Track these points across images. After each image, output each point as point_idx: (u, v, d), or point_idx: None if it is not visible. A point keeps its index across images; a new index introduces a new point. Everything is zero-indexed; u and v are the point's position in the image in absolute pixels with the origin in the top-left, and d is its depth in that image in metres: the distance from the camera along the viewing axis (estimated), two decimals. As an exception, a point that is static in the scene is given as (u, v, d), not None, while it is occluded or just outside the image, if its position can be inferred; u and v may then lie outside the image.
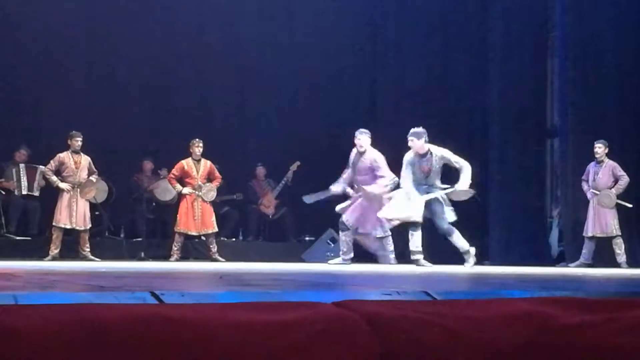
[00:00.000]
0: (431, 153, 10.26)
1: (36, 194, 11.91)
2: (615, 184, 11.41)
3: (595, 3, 12.14)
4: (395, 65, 13.49)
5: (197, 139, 11.75)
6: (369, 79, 13.97)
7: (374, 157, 10.69)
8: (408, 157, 10.31)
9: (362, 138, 10.70)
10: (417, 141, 10.25)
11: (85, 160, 11.32)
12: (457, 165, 10.21)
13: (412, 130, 10.28)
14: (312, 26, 13.57)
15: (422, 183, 10.26)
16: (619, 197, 11.37)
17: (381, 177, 10.59)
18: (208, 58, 13.53)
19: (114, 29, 12.85)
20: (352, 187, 11.26)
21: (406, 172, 10.24)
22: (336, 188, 10.98)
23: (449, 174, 10.40)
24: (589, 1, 12.17)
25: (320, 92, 13.78)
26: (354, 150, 10.82)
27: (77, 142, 11.20)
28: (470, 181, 10.05)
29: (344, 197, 12.04)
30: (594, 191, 11.46)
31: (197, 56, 13.50)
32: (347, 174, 10.98)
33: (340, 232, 10.85)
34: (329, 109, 13.79)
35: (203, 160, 11.79)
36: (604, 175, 11.44)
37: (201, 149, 11.71)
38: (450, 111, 13.06)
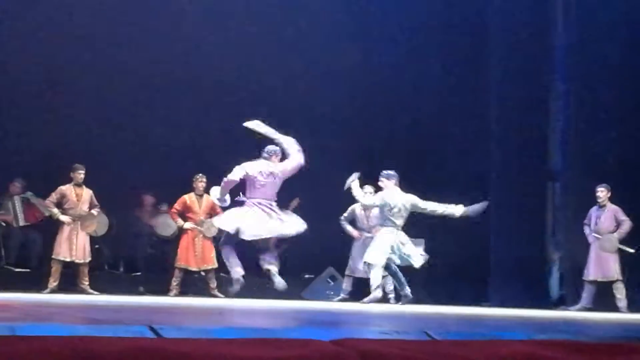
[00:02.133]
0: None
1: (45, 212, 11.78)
2: (617, 229, 11.38)
3: (600, 44, 12.18)
4: (388, 105, 13.51)
5: (200, 174, 11.76)
6: (366, 117, 13.93)
7: None
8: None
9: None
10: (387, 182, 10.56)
11: (87, 193, 11.32)
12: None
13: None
14: (309, 54, 13.55)
15: None
16: (621, 241, 11.35)
17: None
18: (207, 93, 13.49)
19: (114, 60, 12.83)
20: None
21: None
22: None
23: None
24: (593, 42, 12.22)
25: (317, 127, 13.78)
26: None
27: (80, 175, 11.21)
28: None
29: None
30: (595, 235, 11.43)
31: (196, 90, 13.46)
32: None
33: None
34: (329, 147, 13.78)
35: (205, 196, 11.78)
36: (606, 220, 11.42)
37: (204, 184, 11.72)
38: (449, 152, 13.07)
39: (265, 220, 9.79)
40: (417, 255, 10.88)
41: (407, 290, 10.68)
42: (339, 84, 13.68)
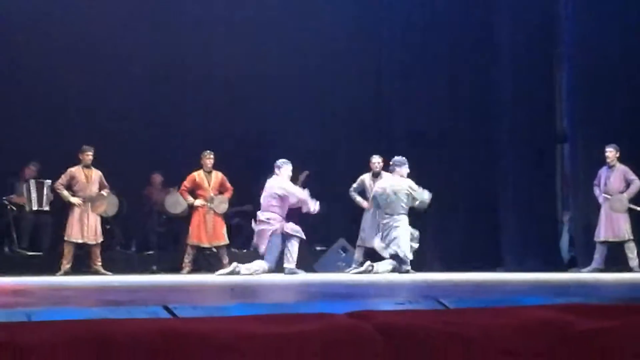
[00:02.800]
0: None
1: (46, 208, 11.89)
2: (627, 188, 11.36)
3: (603, 12, 12.10)
4: (402, 76, 13.47)
5: (208, 151, 11.76)
6: (376, 89, 13.93)
7: None
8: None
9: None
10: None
11: (96, 174, 11.34)
12: None
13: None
14: (319, 40, 13.55)
15: None
16: (630, 201, 11.32)
17: None
18: (218, 70, 13.53)
19: (122, 44, 12.87)
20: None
21: None
22: None
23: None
24: (597, 10, 12.14)
25: (328, 104, 13.79)
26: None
27: (89, 156, 11.22)
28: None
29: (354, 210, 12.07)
30: (605, 195, 11.41)
31: (206, 68, 13.50)
32: None
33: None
34: (338, 120, 13.79)
35: (214, 172, 11.79)
36: (615, 180, 11.39)
37: (212, 161, 11.72)
38: (459, 120, 13.04)
39: None
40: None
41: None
42: (347, 65, 13.68)
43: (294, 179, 13.12)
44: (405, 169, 11.06)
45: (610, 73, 12.07)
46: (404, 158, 11.09)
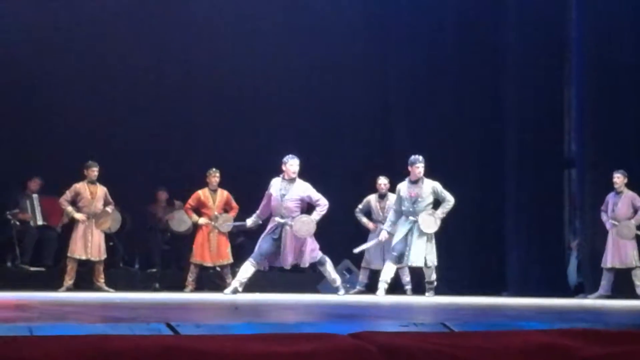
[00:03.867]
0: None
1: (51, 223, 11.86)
2: (634, 215, 11.32)
3: (614, 32, 12.11)
4: (409, 92, 13.48)
5: (213, 169, 11.74)
6: (383, 110, 13.94)
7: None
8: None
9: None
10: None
11: (101, 190, 11.32)
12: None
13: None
14: (325, 55, 13.58)
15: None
16: (638, 228, 11.28)
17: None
18: (225, 88, 13.53)
19: (128, 59, 12.87)
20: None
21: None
22: None
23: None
24: (607, 30, 12.15)
25: (334, 122, 13.78)
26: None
27: (94, 172, 11.21)
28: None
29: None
30: (613, 222, 11.37)
31: (214, 86, 13.50)
32: None
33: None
34: (344, 140, 13.78)
35: (220, 190, 11.78)
36: (623, 206, 11.36)
37: (218, 179, 11.71)
38: (466, 143, 13.03)
39: None
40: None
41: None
42: (354, 81, 13.68)
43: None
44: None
45: (620, 97, 12.07)
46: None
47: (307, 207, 10.48)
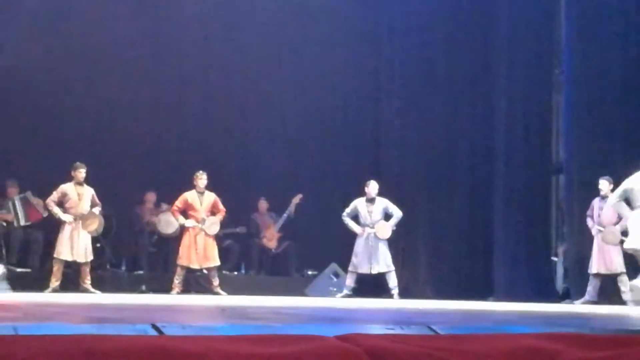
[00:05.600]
0: None
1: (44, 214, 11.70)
2: (619, 221, 11.34)
3: (603, 39, 12.16)
4: (399, 101, 13.48)
5: (201, 172, 11.71)
6: (373, 114, 13.94)
7: None
8: None
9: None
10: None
11: (88, 192, 11.27)
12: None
13: None
14: (317, 58, 13.58)
15: None
16: (623, 234, 11.30)
17: None
18: (211, 91, 13.51)
19: (116, 59, 12.81)
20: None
21: None
22: None
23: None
24: (596, 38, 12.19)
25: (322, 126, 13.77)
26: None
27: (81, 173, 11.16)
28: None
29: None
30: (598, 227, 11.41)
31: (201, 89, 13.50)
32: None
33: None
34: (333, 143, 13.77)
35: (207, 193, 11.75)
36: (608, 212, 11.38)
37: (205, 182, 11.68)
38: (455, 148, 13.05)
39: None
40: None
41: None
42: (344, 83, 13.67)
43: (287, 203, 13.15)
44: None
45: (608, 104, 12.11)
46: None
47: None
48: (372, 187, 11.93)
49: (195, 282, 12.05)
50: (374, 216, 11.91)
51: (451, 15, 13.13)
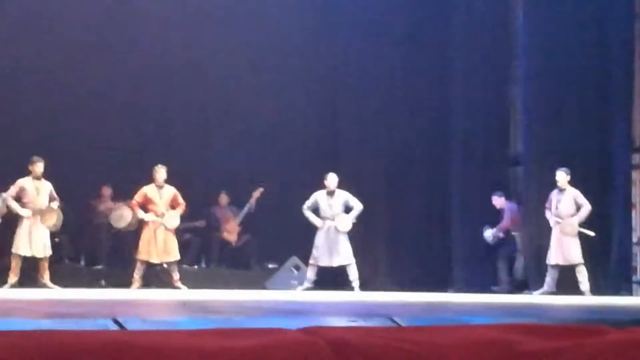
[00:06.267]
0: None
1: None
2: (577, 212, 11.47)
3: (559, 33, 12.26)
4: (357, 94, 13.48)
5: (159, 165, 11.61)
6: (332, 107, 13.92)
7: None
8: None
9: None
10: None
11: (46, 186, 11.15)
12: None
13: None
14: (277, 54, 13.53)
15: None
16: (581, 225, 11.44)
17: None
18: (170, 85, 13.41)
19: (83, 51, 12.69)
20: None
21: None
22: None
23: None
24: (552, 30, 12.29)
25: (283, 119, 13.74)
26: None
27: (39, 167, 11.01)
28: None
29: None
30: (556, 219, 11.52)
31: (160, 83, 13.37)
32: None
33: None
34: (292, 137, 13.75)
35: (167, 187, 11.66)
36: (566, 203, 11.50)
37: (164, 176, 11.58)
38: (412, 140, 13.09)
39: None
40: None
41: None
42: (303, 77, 13.65)
43: (247, 197, 13.12)
44: None
45: (565, 96, 12.22)
46: None
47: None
48: (331, 179, 11.95)
49: (156, 276, 11.98)
50: (334, 209, 11.93)
51: (409, 11, 13.15)
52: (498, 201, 12.47)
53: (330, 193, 11.97)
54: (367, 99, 13.29)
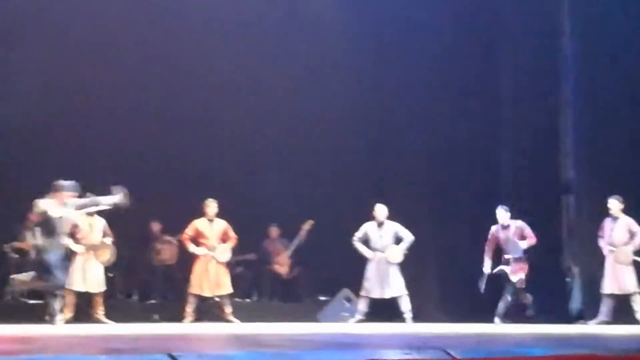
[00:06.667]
0: None
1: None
2: (631, 240, 11.32)
3: (610, 57, 12.17)
4: (403, 124, 13.45)
5: (210, 199, 11.69)
6: (379, 138, 13.88)
7: None
8: None
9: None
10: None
11: (99, 222, 11.29)
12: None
13: None
14: (325, 89, 13.54)
15: None
16: (635, 253, 11.28)
17: None
18: (220, 120, 13.48)
19: (121, 80, 12.79)
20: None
21: None
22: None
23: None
24: (603, 55, 12.21)
25: (330, 151, 13.75)
26: None
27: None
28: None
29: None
30: (610, 247, 11.38)
31: (210, 116, 13.47)
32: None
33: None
34: (340, 167, 13.74)
35: (217, 220, 11.73)
36: (619, 231, 11.36)
37: (215, 209, 11.67)
38: (461, 170, 13.04)
39: None
40: None
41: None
42: (349, 111, 13.64)
43: (297, 229, 13.14)
44: None
45: (616, 123, 12.11)
46: None
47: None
48: (380, 210, 11.92)
49: (208, 310, 12.03)
50: (384, 240, 11.90)
51: (455, 40, 13.12)
52: (504, 215, 11.84)
53: (380, 224, 11.95)
54: (411, 131, 13.26)
